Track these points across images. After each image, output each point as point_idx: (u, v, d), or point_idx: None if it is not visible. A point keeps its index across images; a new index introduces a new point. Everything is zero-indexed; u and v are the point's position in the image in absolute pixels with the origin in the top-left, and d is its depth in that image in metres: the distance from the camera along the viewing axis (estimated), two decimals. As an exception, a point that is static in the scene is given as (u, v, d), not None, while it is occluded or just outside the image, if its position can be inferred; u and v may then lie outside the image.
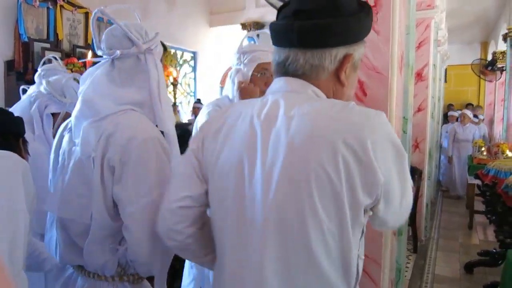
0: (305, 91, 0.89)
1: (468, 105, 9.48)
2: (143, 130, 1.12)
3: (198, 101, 6.32)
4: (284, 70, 0.91)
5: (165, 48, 1.37)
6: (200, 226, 0.98)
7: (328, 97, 0.91)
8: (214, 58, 7.19)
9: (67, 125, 1.28)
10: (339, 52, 0.88)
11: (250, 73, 1.81)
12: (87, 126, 1.13)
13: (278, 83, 0.93)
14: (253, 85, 1.73)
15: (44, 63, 2.60)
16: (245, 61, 1.81)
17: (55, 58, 2.62)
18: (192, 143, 0.99)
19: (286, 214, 0.83)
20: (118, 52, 1.18)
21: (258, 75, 1.76)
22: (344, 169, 0.80)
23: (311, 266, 0.83)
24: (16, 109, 2.05)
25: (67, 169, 1.17)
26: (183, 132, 1.93)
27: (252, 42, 1.96)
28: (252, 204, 0.85)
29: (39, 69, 2.53)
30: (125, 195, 1.08)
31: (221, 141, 0.91)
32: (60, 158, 1.23)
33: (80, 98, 1.19)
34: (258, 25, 6.96)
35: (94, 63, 1.26)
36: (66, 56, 4.20)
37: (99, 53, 1.24)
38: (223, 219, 0.92)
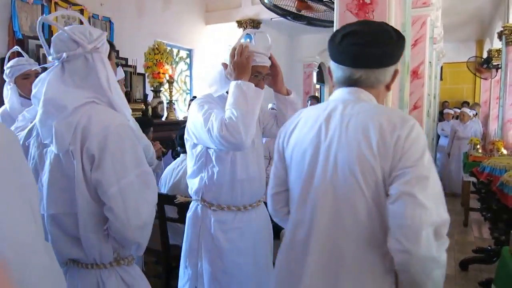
0: (359, 95, 1.18)
1: (464, 103, 9.52)
2: (113, 119, 1.24)
3: (194, 98, 6.31)
4: (353, 82, 1.18)
5: (112, 45, 1.45)
6: None
7: (377, 99, 1.21)
8: (210, 55, 7.17)
9: (30, 133, 1.33)
10: (392, 69, 1.20)
11: None
12: (58, 124, 1.19)
13: (341, 92, 1.21)
14: (245, 59, 1.65)
15: (9, 58, 2.41)
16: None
17: (19, 50, 2.46)
18: (276, 141, 1.31)
19: (338, 188, 1.10)
20: (64, 54, 1.26)
21: (252, 77, 1.72)
22: (378, 148, 1.05)
23: (357, 226, 1.08)
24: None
25: (44, 170, 1.25)
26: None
27: (248, 40, 1.92)
28: (317, 180, 1.14)
29: (5, 68, 2.38)
30: (105, 178, 1.17)
31: (296, 136, 1.22)
32: (30, 164, 1.29)
33: (41, 102, 1.23)
34: (254, 23, 6.94)
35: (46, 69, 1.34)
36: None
37: (50, 58, 1.32)
38: (294, 194, 1.22)
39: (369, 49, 1.13)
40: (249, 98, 1.60)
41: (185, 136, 1.85)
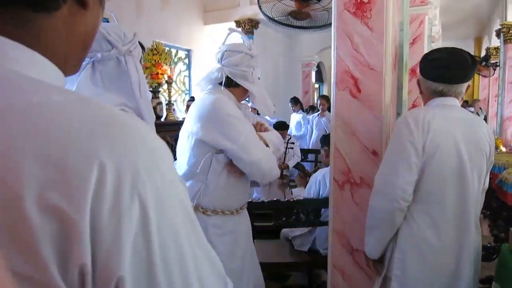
0: (458, 104, 1.66)
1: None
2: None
3: (192, 99, 6.29)
4: (441, 93, 1.64)
5: (143, 48, 1.40)
6: None
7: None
8: (208, 56, 7.17)
9: None
10: (467, 84, 1.67)
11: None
12: None
13: (452, 101, 1.64)
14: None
15: None
16: (256, 64, 1.78)
17: None
18: (408, 137, 1.57)
19: (479, 168, 1.61)
20: (98, 54, 1.21)
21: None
22: (491, 142, 1.65)
23: (478, 191, 1.64)
24: None
25: None
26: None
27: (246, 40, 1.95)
28: (467, 165, 1.58)
29: None
30: None
31: (443, 133, 1.57)
32: None
33: None
34: (253, 23, 6.95)
35: None
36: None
37: None
38: (443, 178, 1.58)
39: (447, 71, 1.60)
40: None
41: (192, 136, 1.74)
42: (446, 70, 1.60)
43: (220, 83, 1.80)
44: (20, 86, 0.40)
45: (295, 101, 7.17)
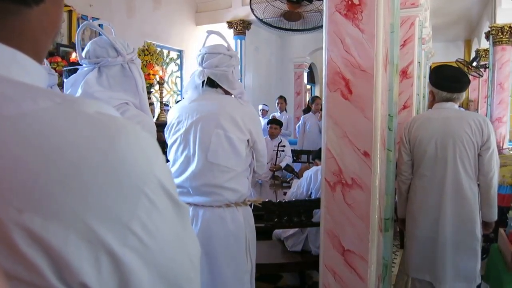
0: (454, 106, 2.32)
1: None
2: (145, 117, 1.52)
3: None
4: (451, 100, 2.32)
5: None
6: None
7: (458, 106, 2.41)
8: (200, 56, 7.15)
9: None
10: (464, 92, 2.39)
11: None
12: None
13: (450, 105, 2.31)
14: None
15: None
16: (237, 63, 2.00)
17: None
18: (403, 134, 2.39)
19: (453, 153, 2.22)
20: (109, 59, 1.43)
21: None
22: (473, 132, 2.19)
23: (471, 170, 2.24)
24: None
25: None
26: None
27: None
28: (438, 151, 2.25)
29: None
30: None
31: (422, 129, 2.31)
32: None
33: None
34: (245, 23, 6.95)
35: (74, 70, 1.53)
36: (50, 55, 4.14)
37: (84, 62, 1.47)
38: (422, 160, 2.31)
39: (458, 84, 2.28)
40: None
41: (249, 137, 1.90)
42: (459, 83, 2.28)
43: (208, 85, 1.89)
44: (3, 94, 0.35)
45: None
